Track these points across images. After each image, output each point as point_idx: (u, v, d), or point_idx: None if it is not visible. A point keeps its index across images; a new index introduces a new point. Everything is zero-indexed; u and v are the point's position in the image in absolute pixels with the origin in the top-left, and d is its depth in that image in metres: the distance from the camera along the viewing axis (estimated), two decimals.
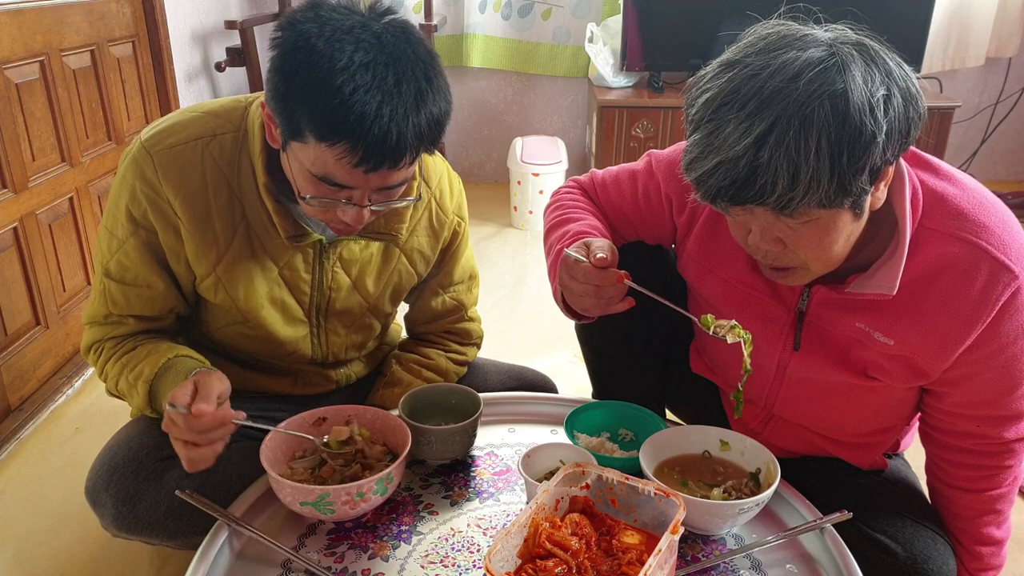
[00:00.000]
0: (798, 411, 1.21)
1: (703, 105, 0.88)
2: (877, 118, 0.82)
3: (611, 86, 3.38)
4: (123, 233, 1.13)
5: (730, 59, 0.89)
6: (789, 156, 0.82)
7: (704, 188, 0.88)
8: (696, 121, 0.89)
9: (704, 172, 0.87)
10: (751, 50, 0.87)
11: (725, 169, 0.85)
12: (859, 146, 0.82)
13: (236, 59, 3.06)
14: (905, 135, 0.87)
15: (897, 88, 0.85)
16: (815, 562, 1.05)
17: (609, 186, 1.25)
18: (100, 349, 1.19)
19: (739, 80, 0.85)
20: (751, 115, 0.83)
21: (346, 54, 0.92)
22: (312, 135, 0.94)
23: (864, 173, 0.84)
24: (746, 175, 0.84)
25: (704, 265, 1.16)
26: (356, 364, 1.40)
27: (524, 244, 3.18)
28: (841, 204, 0.87)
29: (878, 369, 1.07)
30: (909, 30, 3.20)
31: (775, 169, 0.82)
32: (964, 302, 0.98)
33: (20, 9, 1.93)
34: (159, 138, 1.11)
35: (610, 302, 1.01)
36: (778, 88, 0.83)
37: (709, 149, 0.86)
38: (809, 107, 0.81)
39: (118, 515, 1.13)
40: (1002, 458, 1.09)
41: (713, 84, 0.88)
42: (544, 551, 0.91)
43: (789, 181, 0.83)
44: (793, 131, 0.81)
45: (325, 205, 1.02)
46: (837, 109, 0.81)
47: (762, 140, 0.82)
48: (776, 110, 0.82)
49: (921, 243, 0.98)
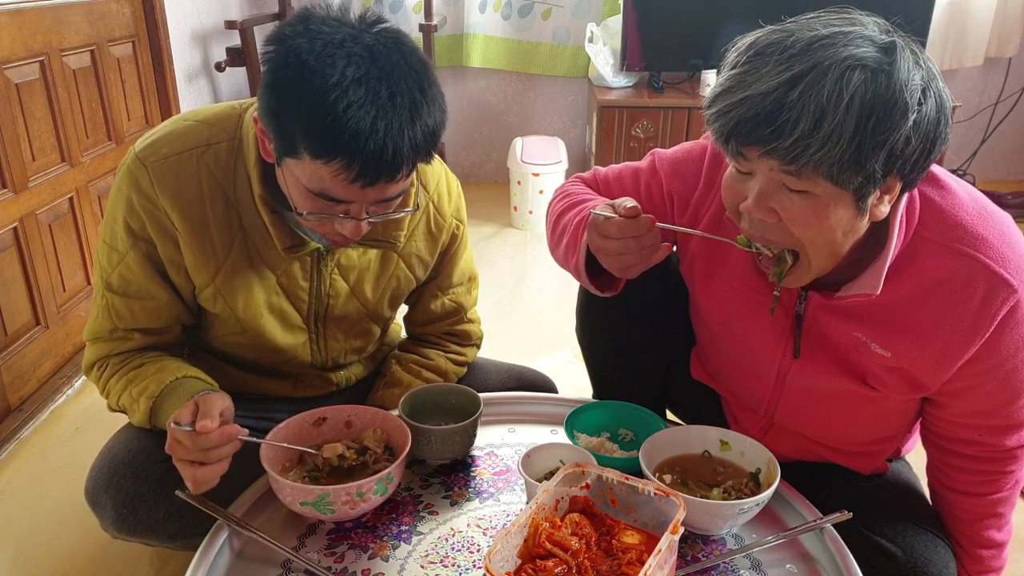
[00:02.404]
0: (798, 420, 1.21)
1: (746, 47, 0.87)
2: (913, 100, 0.82)
3: (611, 86, 3.38)
4: (123, 246, 1.13)
5: (781, 25, 0.88)
6: (819, 100, 0.81)
7: (722, 121, 0.87)
8: (733, 62, 0.88)
9: (728, 104, 0.86)
10: (805, 18, 0.88)
11: (751, 103, 0.84)
12: (889, 117, 0.81)
13: (236, 59, 3.06)
14: (930, 144, 0.86)
15: (935, 92, 0.85)
16: (815, 562, 1.04)
17: (612, 183, 1.24)
18: (104, 365, 1.18)
19: (790, 30, 0.86)
20: (793, 56, 0.83)
21: (338, 69, 0.91)
22: (307, 152, 0.94)
23: (882, 152, 0.83)
24: (771, 110, 0.83)
25: (708, 265, 1.16)
26: (356, 366, 1.40)
27: (524, 244, 3.18)
28: (847, 183, 0.85)
29: (876, 379, 1.06)
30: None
31: (802, 108, 0.81)
32: (962, 317, 0.97)
33: (20, 9, 1.93)
34: (153, 148, 1.10)
35: (651, 251, 0.99)
36: (829, 41, 0.83)
37: (741, 84, 0.85)
38: (855, 64, 0.81)
39: (118, 517, 1.13)
40: (1004, 463, 1.09)
41: (761, 33, 0.88)
42: (544, 551, 0.91)
43: (811, 125, 0.81)
44: (832, 77, 0.81)
45: (322, 219, 1.01)
46: (879, 75, 0.81)
47: (798, 79, 0.82)
48: (820, 55, 0.82)
49: (918, 255, 0.97)
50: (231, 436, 0.99)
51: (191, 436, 0.96)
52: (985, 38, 3.52)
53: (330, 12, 0.97)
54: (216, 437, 0.97)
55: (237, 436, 1.00)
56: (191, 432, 0.96)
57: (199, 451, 0.97)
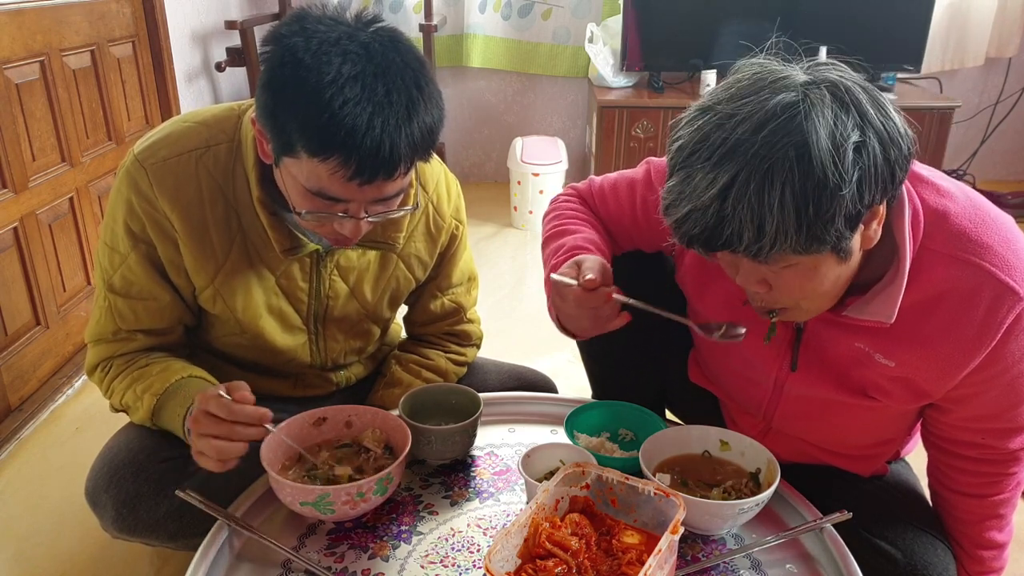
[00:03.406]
0: (796, 426, 1.20)
1: (676, 152, 0.89)
2: (843, 167, 0.80)
3: (611, 86, 3.38)
4: (124, 248, 1.13)
5: (704, 104, 0.89)
6: (752, 208, 0.82)
7: (679, 233, 0.89)
8: (672, 167, 0.90)
9: (678, 218, 0.87)
10: (724, 95, 0.87)
11: (695, 218, 0.85)
12: (824, 197, 0.81)
13: (236, 59, 3.06)
14: (888, 178, 0.85)
15: (873, 132, 0.83)
16: (815, 562, 1.04)
17: (607, 195, 1.24)
18: (108, 366, 1.18)
19: (708, 128, 0.86)
20: (716, 165, 0.83)
21: (334, 67, 0.91)
22: (304, 150, 0.94)
23: (836, 222, 0.83)
24: (714, 224, 0.84)
25: (702, 279, 1.15)
26: (356, 366, 1.40)
27: (524, 244, 3.18)
28: (819, 250, 0.86)
29: (878, 390, 1.06)
30: (909, 30, 3.20)
31: (740, 220, 0.82)
32: (968, 325, 0.96)
33: (20, 9, 1.93)
34: (152, 150, 1.10)
35: (606, 321, 1.01)
36: (742, 139, 0.82)
37: (681, 196, 0.86)
38: (771, 159, 0.81)
39: (118, 517, 1.13)
40: (1006, 466, 1.09)
41: (685, 131, 0.88)
42: (544, 551, 0.91)
43: (755, 233, 0.83)
44: (755, 184, 0.81)
45: (321, 219, 1.01)
46: (800, 160, 0.80)
47: (726, 191, 0.82)
48: (739, 162, 0.82)
49: (923, 266, 0.96)
50: (265, 416, 1.00)
51: (227, 404, 0.97)
52: (985, 38, 3.53)
53: (326, 11, 0.97)
54: (251, 411, 0.98)
55: (270, 420, 1.01)
56: (228, 400, 0.97)
57: (229, 423, 0.98)
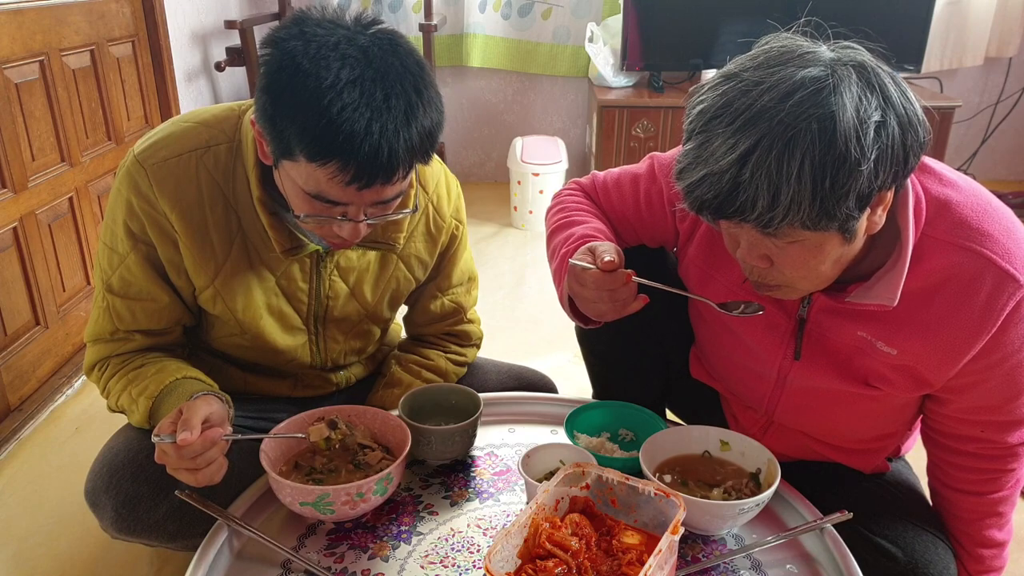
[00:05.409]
0: (798, 419, 1.21)
1: (697, 116, 0.88)
2: (865, 144, 0.81)
3: (611, 86, 3.38)
4: (123, 248, 1.13)
5: (729, 71, 0.88)
6: (770, 176, 0.82)
7: (691, 198, 0.89)
8: (690, 131, 0.89)
9: (691, 182, 0.87)
10: (750, 64, 0.87)
11: (710, 182, 0.85)
12: (843, 172, 0.81)
13: (236, 59, 3.06)
14: (901, 163, 0.85)
15: (894, 114, 0.84)
16: (815, 562, 1.05)
17: (611, 189, 1.25)
18: (105, 366, 1.18)
19: (733, 94, 0.85)
20: (738, 131, 0.83)
21: (332, 71, 0.90)
22: (303, 155, 0.93)
23: (849, 199, 0.83)
24: (729, 190, 0.84)
25: (705, 271, 1.16)
26: (356, 367, 1.40)
27: (524, 244, 3.18)
28: (827, 228, 0.86)
29: (880, 379, 1.06)
30: (909, 30, 3.20)
31: (756, 187, 0.82)
32: (969, 313, 0.97)
33: (20, 9, 1.93)
34: (153, 151, 1.10)
35: (624, 304, 1.01)
36: (767, 106, 0.82)
37: (698, 160, 0.86)
38: (795, 128, 0.81)
39: (117, 517, 1.13)
40: (1005, 462, 1.09)
41: (708, 95, 0.88)
42: (544, 551, 0.91)
43: (769, 201, 0.83)
44: (776, 151, 0.81)
45: (321, 222, 1.01)
46: (824, 132, 0.80)
47: (745, 157, 0.82)
48: (762, 128, 0.82)
49: (924, 253, 0.97)
50: (213, 440, 0.98)
51: (174, 448, 0.96)
52: (985, 38, 3.53)
53: (325, 14, 0.96)
54: (199, 445, 0.97)
55: (221, 437, 0.99)
56: (173, 444, 0.96)
57: (186, 460, 0.97)
